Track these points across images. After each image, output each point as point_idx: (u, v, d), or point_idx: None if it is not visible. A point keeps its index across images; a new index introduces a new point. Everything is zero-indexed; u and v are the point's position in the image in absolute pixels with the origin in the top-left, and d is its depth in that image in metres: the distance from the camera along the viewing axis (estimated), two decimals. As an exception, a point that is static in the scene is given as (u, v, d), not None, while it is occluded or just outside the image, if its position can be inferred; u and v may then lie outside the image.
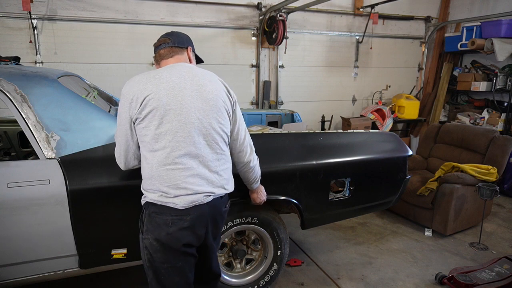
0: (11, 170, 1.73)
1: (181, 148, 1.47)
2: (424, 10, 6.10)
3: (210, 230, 1.62)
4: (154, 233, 1.51)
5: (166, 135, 1.46)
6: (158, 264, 1.54)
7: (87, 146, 1.83)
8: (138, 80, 1.52)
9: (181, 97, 1.49)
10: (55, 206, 1.74)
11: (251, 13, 5.01)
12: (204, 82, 1.56)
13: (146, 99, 1.46)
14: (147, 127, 1.48)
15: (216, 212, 1.61)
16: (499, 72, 5.16)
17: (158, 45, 1.72)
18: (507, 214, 4.05)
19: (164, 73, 1.54)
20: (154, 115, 1.46)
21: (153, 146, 1.48)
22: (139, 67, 4.59)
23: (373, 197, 2.64)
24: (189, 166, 1.49)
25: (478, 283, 2.47)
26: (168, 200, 1.49)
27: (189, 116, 1.49)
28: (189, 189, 1.49)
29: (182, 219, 1.49)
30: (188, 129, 1.48)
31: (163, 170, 1.48)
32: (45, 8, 4.02)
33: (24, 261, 1.79)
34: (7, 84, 1.77)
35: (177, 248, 1.52)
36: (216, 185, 1.57)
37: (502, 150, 3.65)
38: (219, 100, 1.57)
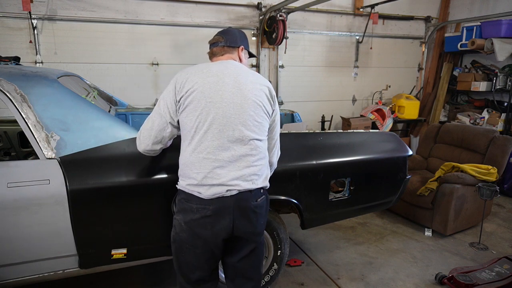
0: (11, 170, 1.73)
1: (214, 139, 1.56)
2: (424, 10, 6.10)
3: (240, 224, 1.62)
4: (183, 216, 1.63)
5: (203, 126, 1.56)
6: (180, 243, 1.66)
7: (87, 146, 1.83)
8: (188, 70, 1.64)
9: (222, 92, 1.58)
10: (55, 206, 1.74)
11: (251, 13, 5.01)
12: (246, 81, 1.64)
13: (190, 89, 1.57)
14: (188, 117, 1.58)
15: (244, 206, 1.62)
16: (499, 72, 5.16)
17: (212, 43, 1.81)
18: (507, 214, 4.05)
19: (212, 67, 1.65)
20: (196, 105, 1.56)
21: (191, 135, 1.59)
22: (139, 67, 4.59)
23: (373, 197, 2.64)
24: (219, 158, 1.56)
25: (478, 283, 2.47)
26: (194, 189, 1.58)
27: (226, 110, 1.57)
28: (215, 179, 1.56)
29: (205, 208, 1.58)
30: (224, 122, 1.56)
31: (195, 158, 1.57)
32: (45, 8, 4.02)
33: (24, 261, 1.79)
34: (7, 84, 1.77)
35: (200, 234, 1.61)
36: (244, 179, 1.60)
37: (502, 150, 3.65)
38: (258, 100, 1.64)
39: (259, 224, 1.69)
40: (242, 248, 1.71)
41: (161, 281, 2.66)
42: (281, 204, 2.45)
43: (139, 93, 4.63)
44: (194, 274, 1.69)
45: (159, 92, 4.76)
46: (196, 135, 1.57)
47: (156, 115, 1.65)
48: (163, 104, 1.64)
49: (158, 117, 1.64)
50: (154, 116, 1.65)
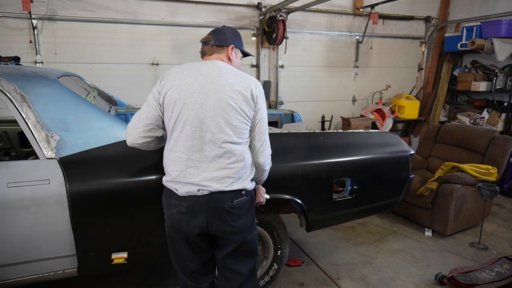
0: (11, 170, 1.73)
1: (188, 139, 1.60)
2: (424, 10, 6.10)
3: (213, 223, 1.66)
4: (165, 210, 1.73)
5: (178, 126, 1.60)
6: (169, 235, 1.76)
7: (87, 146, 1.83)
8: (172, 70, 1.68)
9: (197, 94, 1.60)
10: (55, 206, 1.74)
11: (251, 13, 5.01)
12: (224, 83, 1.62)
13: (169, 90, 1.61)
14: (166, 116, 1.64)
15: (217, 206, 1.64)
16: (499, 72, 5.16)
17: (203, 41, 1.82)
18: (507, 214, 4.05)
19: (193, 68, 1.67)
20: (172, 106, 1.60)
21: (169, 134, 1.66)
22: (139, 67, 4.59)
23: (377, 198, 2.62)
24: (192, 158, 1.61)
25: (478, 283, 2.47)
26: (172, 185, 1.66)
27: (199, 113, 1.59)
28: (187, 178, 1.61)
29: (180, 204, 1.65)
30: (197, 124, 1.59)
31: (172, 156, 1.64)
32: (45, 8, 4.02)
33: (24, 261, 1.79)
34: (7, 84, 1.77)
35: (178, 228, 1.69)
36: (216, 181, 1.62)
37: (502, 150, 3.65)
38: (234, 103, 1.62)
39: (238, 224, 1.70)
40: (224, 246, 1.75)
41: (161, 281, 2.66)
42: (282, 204, 2.45)
43: (139, 93, 4.62)
44: (186, 266, 1.77)
45: (159, 92, 4.75)
46: (173, 134, 1.63)
47: (144, 107, 1.68)
48: (151, 97, 1.68)
49: (146, 108, 1.67)
50: (142, 108, 1.69)
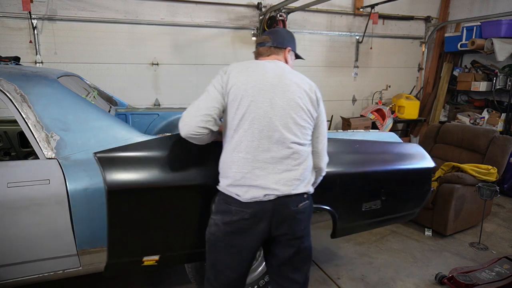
0: (11, 170, 1.73)
1: (254, 139, 1.53)
2: (424, 10, 6.10)
3: (277, 228, 1.59)
4: (221, 217, 1.62)
5: (243, 125, 1.53)
6: (215, 241, 1.65)
7: (87, 146, 1.83)
8: (234, 66, 1.62)
9: (265, 92, 1.55)
10: (55, 206, 1.73)
11: (251, 13, 5.01)
12: (290, 83, 1.60)
13: (234, 86, 1.54)
14: (229, 114, 1.56)
15: (283, 211, 1.58)
16: (499, 72, 5.16)
17: (259, 42, 1.78)
18: (507, 214, 4.05)
19: (257, 66, 1.62)
20: (238, 103, 1.54)
21: (231, 134, 1.57)
22: (139, 67, 4.59)
23: (399, 209, 2.57)
24: (259, 159, 1.53)
25: (478, 283, 2.47)
26: (233, 190, 1.56)
27: (268, 111, 1.54)
28: (253, 180, 1.53)
29: (243, 211, 1.55)
30: (265, 123, 1.53)
31: (235, 157, 1.55)
32: (45, 8, 4.02)
33: (24, 261, 1.79)
34: (7, 84, 1.77)
35: (237, 235, 1.59)
36: (283, 183, 1.56)
37: (502, 150, 3.65)
38: (301, 103, 1.60)
39: (299, 229, 1.64)
40: (282, 252, 1.67)
41: (161, 281, 2.66)
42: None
43: (139, 93, 4.63)
44: (226, 276, 1.66)
45: (159, 92, 4.77)
46: (236, 133, 1.55)
47: (203, 97, 1.59)
48: (212, 90, 1.59)
49: (206, 99, 1.57)
50: (200, 99, 1.59)
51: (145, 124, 3.22)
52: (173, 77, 4.78)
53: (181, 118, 1.60)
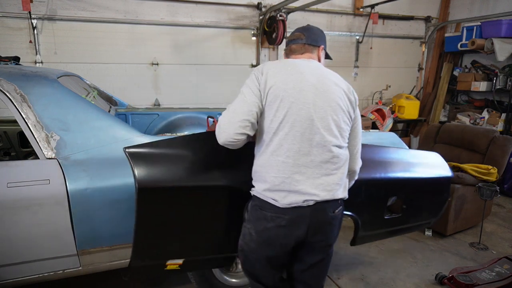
0: (11, 170, 1.73)
1: (295, 142, 1.46)
2: (424, 10, 6.10)
3: (313, 235, 1.55)
4: (254, 225, 1.55)
5: (284, 127, 1.46)
6: (249, 252, 1.60)
7: (87, 146, 1.83)
8: (270, 65, 1.54)
9: (306, 92, 1.48)
10: (55, 206, 1.73)
11: (251, 13, 5.01)
12: (329, 82, 1.54)
13: (273, 87, 1.47)
14: (268, 116, 1.48)
15: (321, 217, 1.53)
16: (499, 72, 5.15)
17: (292, 39, 1.69)
18: (507, 214, 4.05)
19: (295, 65, 1.55)
20: (278, 105, 1.46)
21: (270, 136, 1.49)
22: (139, 67, 4.59)
23: (418, 217, 2.54)
24: (299, 163, 1.47)
25: (478, 283, 2.47)
26: (269, 195, 1.49)
27: (309, 113, 1.47)
28: (293, 185, 1.46)
29: (279, 217, 1.49)
30: (306, 126, 1.47)
31: (274, 161, 1.48)
32: (45, 8, 4.02)
33: (24, 261, 1.79)
34: (7, 84, 1.77)
35: (272, 244, 1.54)
36: (324, 188, 1.50)
37: (502, 150, 3.65)
38: (341, 103, 1.54)
39: (332, 235, 1.61)
40: (311, 258, 1.64)
41: (161, 281, 2.66)
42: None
43: (139, 93, 4.63)
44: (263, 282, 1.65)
45: (159, 92, 4.77)
46: (276, 136, 1.47)
47: (238, 101, 1.49)
48: (248, 93, 1.49)
49: (241, 104, 1.48)
50: (235, 103, 1.50)
51: (145, 124, 3.22)
52: (173, 77, 4.78)
53: (217, 126, 1.52)
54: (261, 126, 1.52)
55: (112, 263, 1.97)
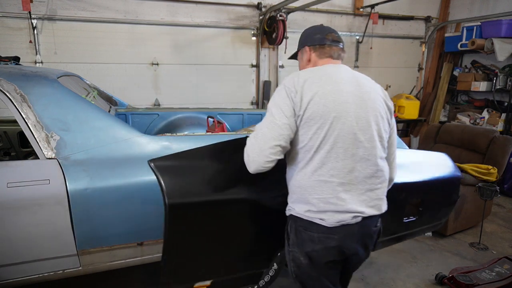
0: (11, 170, 1.73)
1: (338, 159, 1.35)
2: (424, 10, 6.10)
3: (359, 251, 1.48)
4: (300, 248, 1.45)
5: (325, 144, 1.34)
6: (305, 277, 1.50)
7: (87, 146, 1.83)
8: (302, 76, 1.39)
9: (346, 104, 1.36)
10: (55, 206, 1.73)
11: (251, 13, 5.01)
12: (367, 89, 1.44)
13: (311, 101, 1.33)
14: (307, 133, 1.36)
15: (366, 232, 1.46)
16: (499, 72, 5.15)
17: (335, 40, 1.53)
18: (507, 214, 4.05)
19: (330, 73, 1.42)
20: (317, 120, 1.34)
21: (310, 155, 1.37)
22: (139, 67, 4.59)
23: (431, 219, 2.52)
24: (344, 181, 1.37)
25: (478, 283, 2.47)
26: (315, 216, 1.38)
27: (352, 126, 1.36)
28: (339, 205, 1.37)
29: (329, 238, 1.39)
30: (350, 140, 1.36)
31: (316, 181, 1.37)
32: (45, 8, 4.02)
33: (24, 261, 1.79)
34: (7, 84, 1.77)
35: (323, 265, 1.45)
36: (368, 204, 1.42)
37: (502, 150, 3.65)
38: (382, 111, 1.44)
39: (371, 249, 1.55)
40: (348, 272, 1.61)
41: (161, 281, 2.66)
42: None
43: (139, 93, 4.63)
44: None
45: (159, 92, 4.77)
46: (317, 154, 1.35)
47: (268, 124, 1.36)
48: (278, 114, 1.35)
49: (272, 127, 1.35)
50: (264, 126, 1.37)
51: (145, 124, 3.22)
52: (173, 77, 4.78)
53: (245, 152, 1.42)
54: (296, 143, 1.40)
55: (112, 263, 1.98)
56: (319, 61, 1.53)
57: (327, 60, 1.52)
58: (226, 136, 2.17)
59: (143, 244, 1.98)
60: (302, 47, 1.58)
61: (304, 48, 1.56)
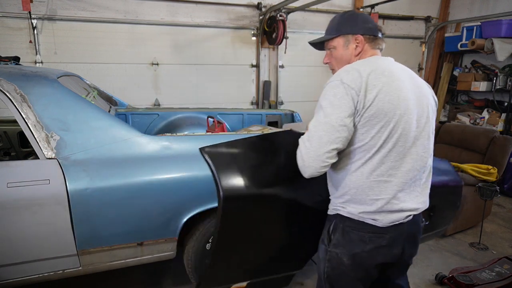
0: (11, 170, 1.73)
1: (398, 158, 1.30)
2: (424, 10, 6.10)
3: (408, 250, 1.44)
4: (347, 248, 1.38)
5: (388, 143, 1.28)
6: (338, 278, 1.44)
7: (87, 146, 1.83)
8: (363, 71, 1.28)
9: (407, 102, 1.29)
10: (55, 206, 1.73)
11: (251, 13, 5.01)
12: (420, 84, 1.38)
13: (375, 100, 1.24)
14: (368, 131, 1.28)
15: (415, 229, 1.44)
16: (499, 72, 5.16)
17: (379, 30, 1.43)
18: (507, 214, 4.05)
19: (391, 69, 1.33)
20: (381, 120, 1.26)
21: (370, 154, 1.30)
22: (139, 67, 4.59)
23: (438, 225, 2.50)
24: (402, 181, 1.32)
25: (478, 283, 2.47)
26: (368, 216, 1.34)
27: (412, 124, 1.31)
28: (394, 204, 1.33)
29: (380, 237, 1.35)
30: (409, 139, 1.31)
31: (375, 181, 1.31)
32: (45, 8, 4.02)
33: (24, 261, 1.79)
34: (7, 84, 1.77)
35: (368, 267, 1.41)
36: (419, 200, 1.40)
37: (502, 150, 3.65)
38: (434, 107, 1.40)
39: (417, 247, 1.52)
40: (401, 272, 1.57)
41: (161, 281, 2.66)
42: None
43: (139, 93, 4.63)
44: None
45: (159, 92, 4.77)
46: (378, 153, 1.29)
47: (323, 126, 1.27)
48: (333, 113, 1.26)
49: (328, 129, 1.26)
50: (320, 129, 1.28)
51: (145, 124, 3.22)
52: (173, 77, 4.79)
53: (299, 156, 1.33)
54: (353, 142, 1.31)
55: (112, 263, 1.98)
56: (368, 52, 1.42)
57: (375, 52, 1.43)
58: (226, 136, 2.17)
59: (143, 244, 1.98)
60: (351, 34, 1.42)
61: (356, 36, 1.41)
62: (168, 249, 2.05)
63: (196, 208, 1.98)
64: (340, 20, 1.45)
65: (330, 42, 1.47)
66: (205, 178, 1.95)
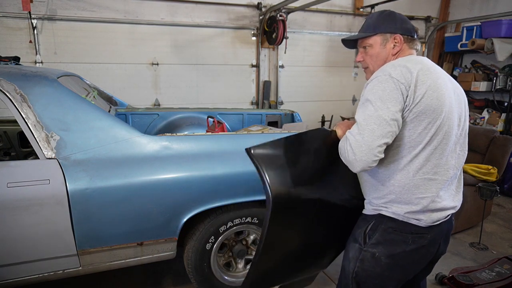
0: (11, 170, 1.73)
1: (442, 156, 1.31)
2: (424, 10, 6.10)
3: (443, 247, 1.48)
4: (387, 249, 1.36)
5: (433, 141, 1.28)
6: (368, 278, 1.42)
7: (87, 146, 1.83)
8: (412, 67, 1.28)
9: (451, 100, 1.31)
10: (55, 206, 1.73)
11: (251, 13, 5.01)
12: (456, 84, 1.40)
13: (425, 95, 1.24)
14: (415, 128, 1.28)
15: (450, 227, 1.45)
16: (499, 72, 5.16)
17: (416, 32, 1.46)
18: (507, 214, 4.05)
19: (434, 67, 1.34)
20: (430, 116, 1.26)
21: (416, 151, 1.29)
22: (139, 67, 4.59)
23: None
24: (444, 178, 1.33)
25: (478, 283, 2.47)
26: (413, 216, 1.33)
27: (454, 122, 1.32)
28: (438, 202, 1.33)
29: (422, 237, 1.35)
30: (453, 137, 1.33)
31: (421, 179, 1.30)
32: (45, 8, 4.02)
33: (24, 261, 1.79)
34: (7, 84, 1.77)
35: (406, 268, 1.40)
36: (455, 198, 1.41)
37: (502, 150, 3.65)
38: (467, 107, 1.42)
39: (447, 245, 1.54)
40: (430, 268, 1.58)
41: (161, 281, 2.66)
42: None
43: (139, 93, 4.63)
44: None
45: (159, 92, 4.77)
46: (424, 151, 1.28)
47: (375, 120, 1.24)
48: (384, 107, 1.23)
49: (378, 122, 1.23)
50: (372, 122, 1.24)
51: (145, 124, 3.22)
52: (173, 77, 4.79)
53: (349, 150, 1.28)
54: (400, 138, 1.30)
55: (112, 263, 1.98)
56: (405, 52, 1.42)
57: (412, 52, 1.43)
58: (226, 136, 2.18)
59: (143, 244, 1.99)
60: (390, 33, 1.42)
61: (394, 36, 1.41)
62: (168, 249, 2.05)
63: (196, 208, 1.98)
64: (378, 18, 1.46)
65: (366, 40, 1.46)
66: (205, 178, 1.96)
